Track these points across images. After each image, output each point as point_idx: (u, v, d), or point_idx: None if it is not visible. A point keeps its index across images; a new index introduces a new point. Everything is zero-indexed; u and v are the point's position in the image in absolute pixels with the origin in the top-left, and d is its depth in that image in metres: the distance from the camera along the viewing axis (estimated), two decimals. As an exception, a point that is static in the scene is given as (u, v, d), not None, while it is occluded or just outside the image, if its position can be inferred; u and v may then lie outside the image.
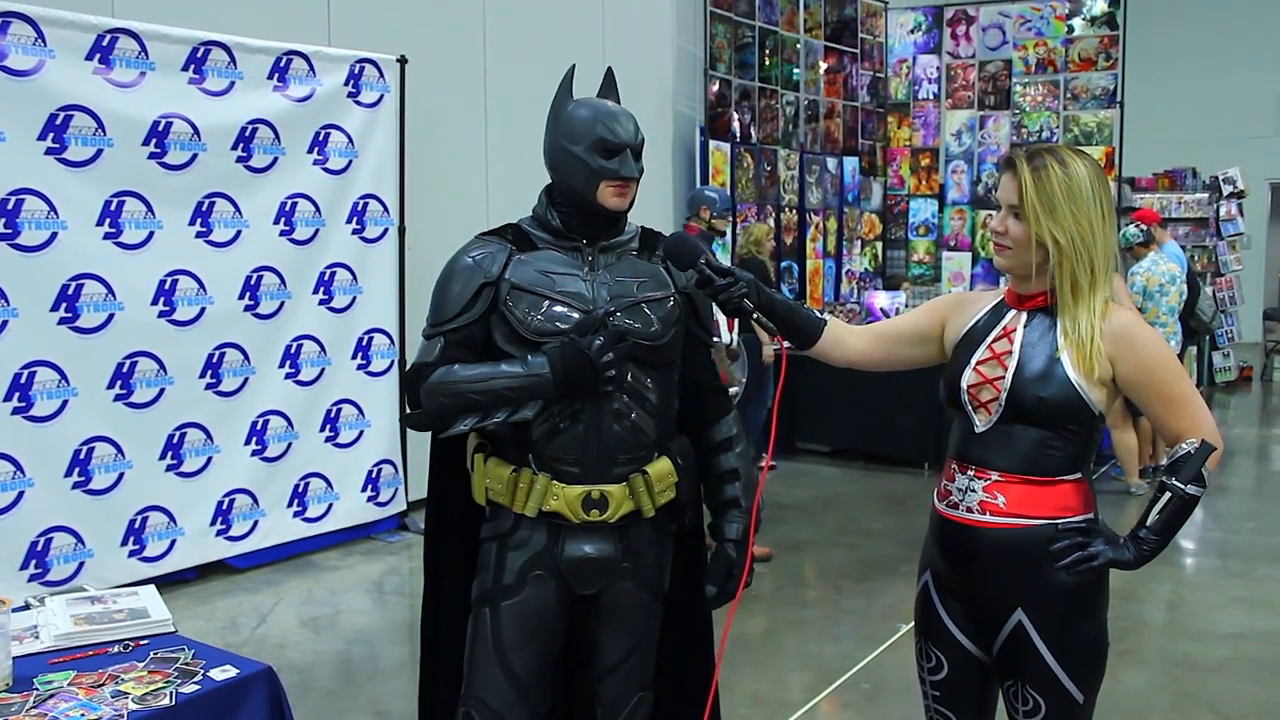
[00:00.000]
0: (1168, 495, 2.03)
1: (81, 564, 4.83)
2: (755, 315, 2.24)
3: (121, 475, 4.98)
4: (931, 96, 11.18)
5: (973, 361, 2.16)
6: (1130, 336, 2.08)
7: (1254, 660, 4.41)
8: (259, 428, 5.56)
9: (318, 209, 5.74)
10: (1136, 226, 7.46)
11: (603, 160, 2.26)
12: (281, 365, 5.65)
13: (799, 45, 10.13)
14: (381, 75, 5.99)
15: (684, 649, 2.57)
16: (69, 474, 4.80)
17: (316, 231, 5.74)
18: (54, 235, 4.70)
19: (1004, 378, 2.11)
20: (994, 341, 2.16)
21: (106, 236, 4.89)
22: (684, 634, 2.56)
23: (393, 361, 6.13)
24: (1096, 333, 2.06)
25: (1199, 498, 2.03)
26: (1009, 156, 2.13)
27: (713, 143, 8.95)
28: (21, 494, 4.64)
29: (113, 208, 4.90)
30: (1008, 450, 2.11)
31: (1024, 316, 2.15)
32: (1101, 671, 2.16)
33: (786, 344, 2.31)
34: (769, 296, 2.27)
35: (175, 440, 5.19)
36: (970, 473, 2.15)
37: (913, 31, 11.24)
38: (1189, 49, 15.32)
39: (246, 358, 5.47)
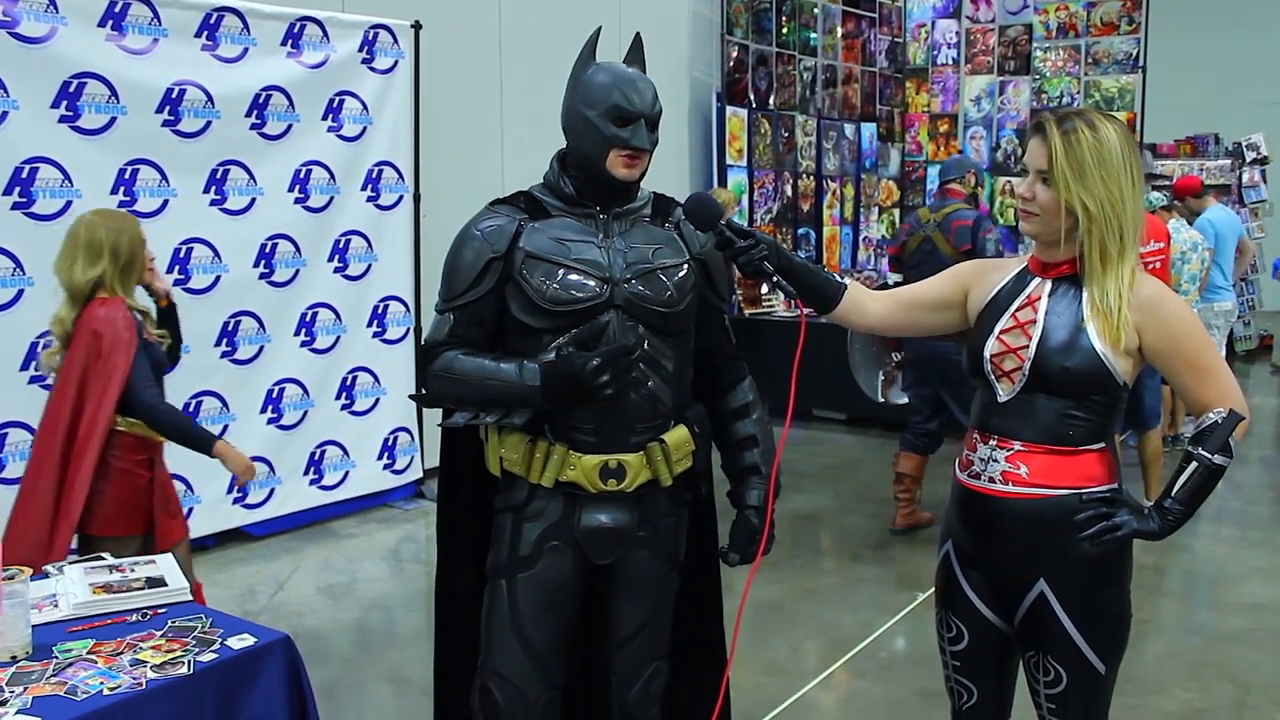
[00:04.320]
0: (1194, 465, 2.01)
1: (100, 532, 4.85)
2: (775, 278, 2.21)
3: (139, 443, 4.99)
4: (950, 62, 11.05)
5: (996, 330, 2.13)
6: (1157, 305, 2.04)
7: (1273, 630, 4.39)
8: (275, 396, 5.56)
9: (332, 176, 5.71)
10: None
11: (616, 128, 2.22)
12: (297, 333, 5.64)
13: (816, 10, 10.02)
14: (396, 41, 5.95)
15: (694, 618, 2.56)
16: (87, 442, 4.81)
17: (331, 199, 5.72)
18: (68, 204, 4.69)
19: (1028, 347, 2.08)
20: (1018, 310, 2.13)
21: (121, 205, 4.87)
22: (695, 603, 2.55)
23: (408, 329, 6.12)
24: (1125, 302, 2.02)
25: (1225, 468, 2.01)
26: (1038, 120, 2.08)
27: (729, 109, 8.89)
28: (40, 462, 4.65)
29: (127, 176, 4.89)
30: (1031, 420, 2.08)
31: (1049, 285, 2.12)
32: (1124, 642, 2.15)
33: (807, 310, 2.28)
34: (789, 259, 2.24)
35: (191, 408, 5.20)
36: (993, 443, 2.12)
37: (932, -5, 11.09)
38: (1212, 13, 15.07)
39: (262, 326, 5.47)
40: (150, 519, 3.36)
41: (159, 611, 2.43)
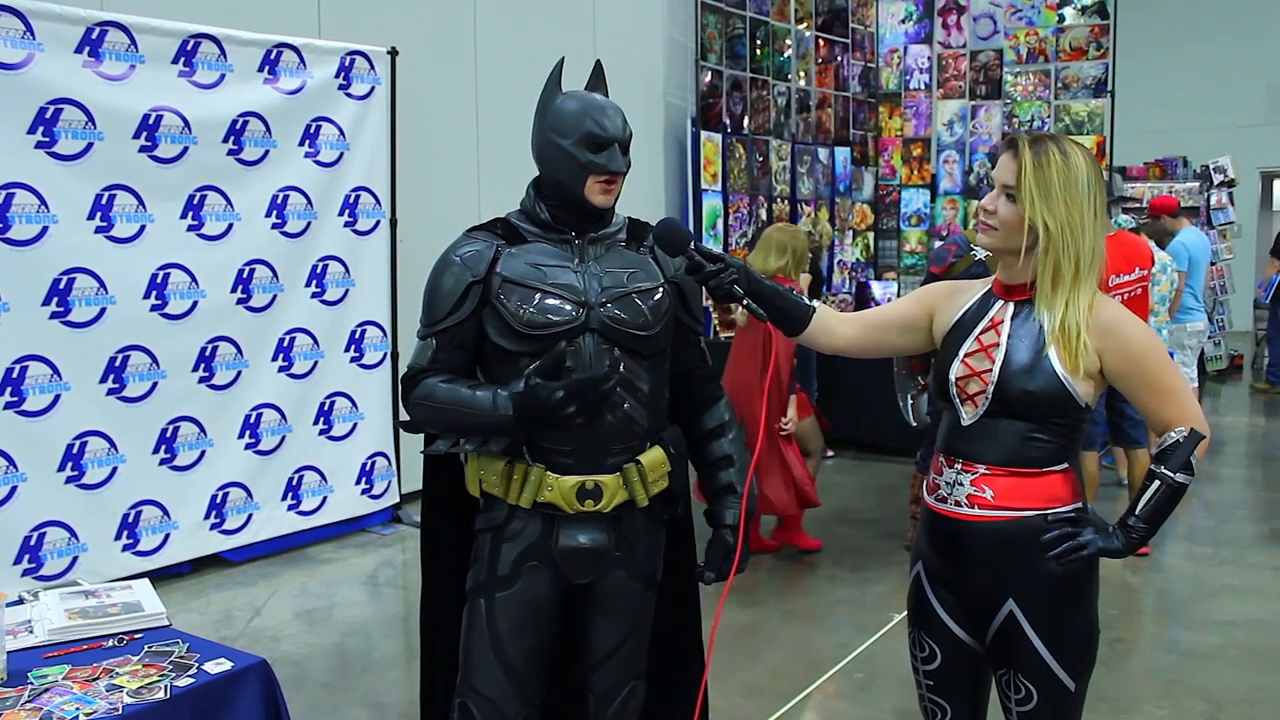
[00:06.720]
0: (1156, 484, 2.05)
1: (75, 558, 4.82)
2: (745, 301, 2.24)
3: (115, 469, 4.98)
4: (923, 86, 11.19)
5: (961, 354, 2.17)
6: (1117, 328, 2.08)
7: (1245, 647, 4.43)
8: (252, 421, 5.55)
9: (309, 201, 5.72)
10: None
11: (591, 155, 2.26)
12: (274, 358, 5.64)
13: (790, 36, 10.12)
14: (372, 67, 5.98)
15: (672, 639, 2.58)
16: (62, 468, 4.79)
17: (308, 224, 5.73)
18: (45, 229, 4.68)
19: (991, 370, 2.11)
20: (982, 333, 2.16)
21: (98, 230, 4.87)
22: (672, 624, 2.57)
23: (385, 354, 6.12)
24: (1082, 327, 2.06)
25: (1187, 486, 2.05)
26: (1012, 138, 2.13)
27: (704, 133, 8.95)
28: (15, 489, 4.63)
29: (104, 201, 4.89)
30: (994, 443, 2.11)
31: (1011, 308, 2.16)
32: (1093, 660, 2.18)
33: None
34: (759, 282, 2.27)
35: (168, 434, 5.18)
36: (958, 465, 2.16)
37: (904, 21, 11.23)
38: (1179, 38, 15.33)
39: (239, 351, 5.46)
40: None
41: (135, 636, 2.43)
